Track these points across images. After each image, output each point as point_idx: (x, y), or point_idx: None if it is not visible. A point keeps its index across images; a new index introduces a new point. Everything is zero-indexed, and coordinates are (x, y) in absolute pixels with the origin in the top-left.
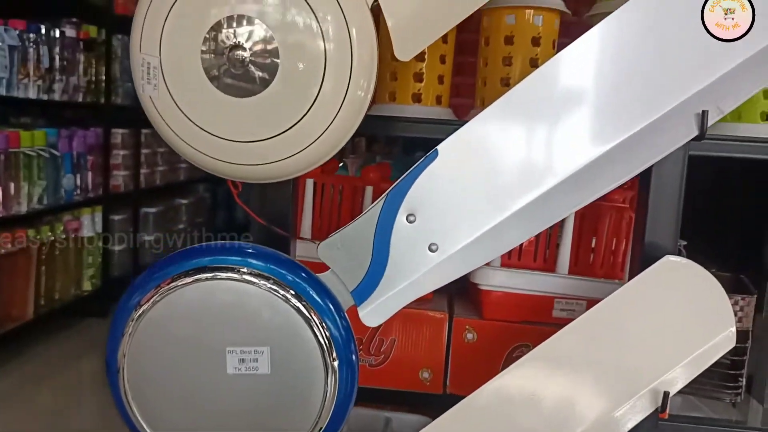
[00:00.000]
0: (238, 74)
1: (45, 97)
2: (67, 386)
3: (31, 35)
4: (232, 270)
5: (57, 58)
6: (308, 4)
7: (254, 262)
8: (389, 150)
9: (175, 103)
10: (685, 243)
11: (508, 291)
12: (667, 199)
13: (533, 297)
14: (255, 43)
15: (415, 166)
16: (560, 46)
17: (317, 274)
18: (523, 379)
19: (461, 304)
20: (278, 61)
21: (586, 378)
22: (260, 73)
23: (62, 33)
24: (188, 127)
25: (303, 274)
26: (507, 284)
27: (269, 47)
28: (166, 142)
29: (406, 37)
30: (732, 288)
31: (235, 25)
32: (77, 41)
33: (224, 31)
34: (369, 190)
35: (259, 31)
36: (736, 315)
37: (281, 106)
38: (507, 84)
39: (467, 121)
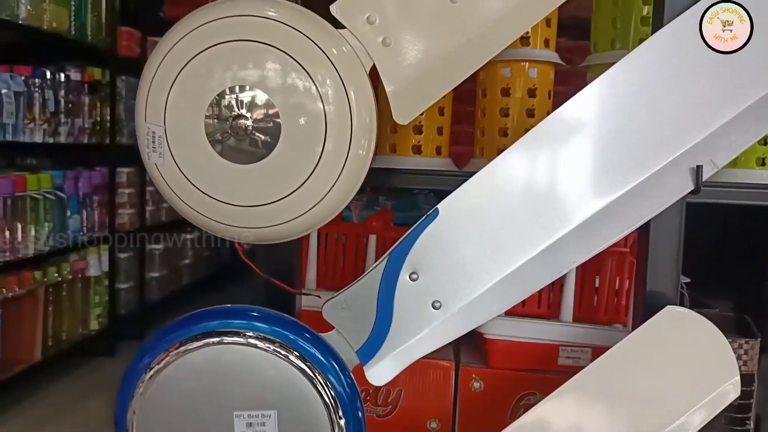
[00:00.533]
0: (242, 142)
1: (51, 140)
2: (76, 427)
3: (36, 80)
4: (238, 334)
5: (62, 101)
6: (306, 70)
7: (259, 325)
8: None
9: (180, 171)
10: (687, 281)
11: (513, 340)
12: (666, 249)
13: (538, 345)
14: (257, 111)
15: (416, 225)
16: (556, 94)
17: (322, 334)
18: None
19: (467, 353)
20: (280, 127)
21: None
22: (263, 140)
23: (67, 77)
24: (194, 194)
25: (307, 335)
26: (512, 333)
27: (271, 114)
28: (174, 208)
29: (404, 102)
30: (736, 329)
31: (236, 94)
32: (82, 84)
33: (227, 101)
34: (372, 236)
35: (261, 99)
36: (740, 359)
37: (285, 171)
38: (505, 134)
39: (466, 172)
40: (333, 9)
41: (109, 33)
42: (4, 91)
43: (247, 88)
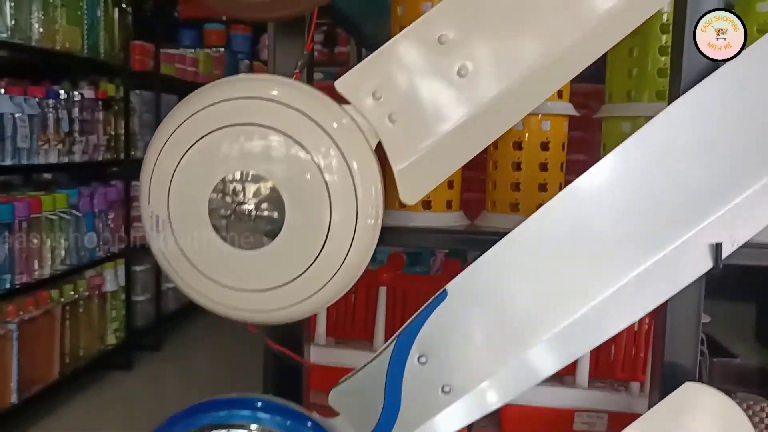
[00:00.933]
0: (246, 228)
1: (65, 159)
2: None
3: (50, 101)
4: (243, 427)
5: (76, 120)
6: (305, 147)
7: (262, 416)
8: None
9: (185, 256)
10: (708, 320)
11: (527, 405)
12: (685, 320)
13: (553, 411)
14: (260, 197)
15: (424, 307)
16: (570, 140)
17: (328, 420)
18: None
19: (480, 418)
20: (284, 207)
21: None
22: (269, 224)
23: (81, 95)
24: (200, 279)
25: (309, 425)
26: (526, 398)
27: (274, 198)
28: (181, 291)
29: (412, 181)
30: (759, 380)
31: (238, 180)
32: (96, 101)
33: (229, 187)
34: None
35: (263, 183)
36: (762, 422)
37: (292, 252)
38: (517, 188)
39: (479, 231)
40: (338, 85)
41: (121, 48)
42: (17, 115)
43: (249, 171)
